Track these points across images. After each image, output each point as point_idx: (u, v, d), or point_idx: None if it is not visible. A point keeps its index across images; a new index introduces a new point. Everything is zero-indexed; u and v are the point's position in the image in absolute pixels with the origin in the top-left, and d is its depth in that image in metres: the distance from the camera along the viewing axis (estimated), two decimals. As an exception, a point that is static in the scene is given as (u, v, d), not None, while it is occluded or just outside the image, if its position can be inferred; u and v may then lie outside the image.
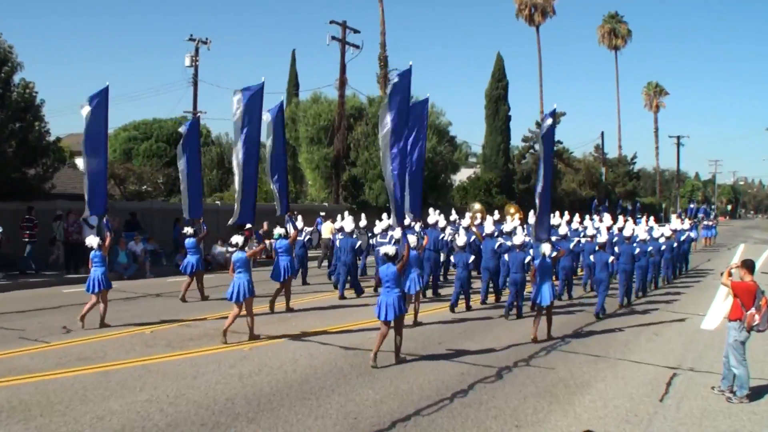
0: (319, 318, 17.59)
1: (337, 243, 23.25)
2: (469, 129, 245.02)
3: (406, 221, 16.76)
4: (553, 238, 20.74)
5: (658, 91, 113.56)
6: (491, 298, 21.05)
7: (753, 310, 10.92)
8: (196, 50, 48.35)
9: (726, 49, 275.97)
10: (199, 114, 46.82)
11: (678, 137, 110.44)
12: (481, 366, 12.80)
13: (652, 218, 35.13)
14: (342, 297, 21.19)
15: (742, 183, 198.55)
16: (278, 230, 19.02)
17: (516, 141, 76.97)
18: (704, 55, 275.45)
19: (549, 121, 17.57)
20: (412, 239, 14.74)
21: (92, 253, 16.40)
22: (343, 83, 45.40)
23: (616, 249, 21.80)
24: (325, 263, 29.14)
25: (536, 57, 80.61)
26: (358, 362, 12.83)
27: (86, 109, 16.27)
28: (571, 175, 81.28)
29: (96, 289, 16.04)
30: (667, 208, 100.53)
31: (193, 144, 20.94)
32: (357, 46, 45.56)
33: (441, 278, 23.85)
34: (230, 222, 17.59)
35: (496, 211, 31.07)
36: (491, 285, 20.95)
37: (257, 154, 17.81)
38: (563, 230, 23.47)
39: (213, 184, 56.03)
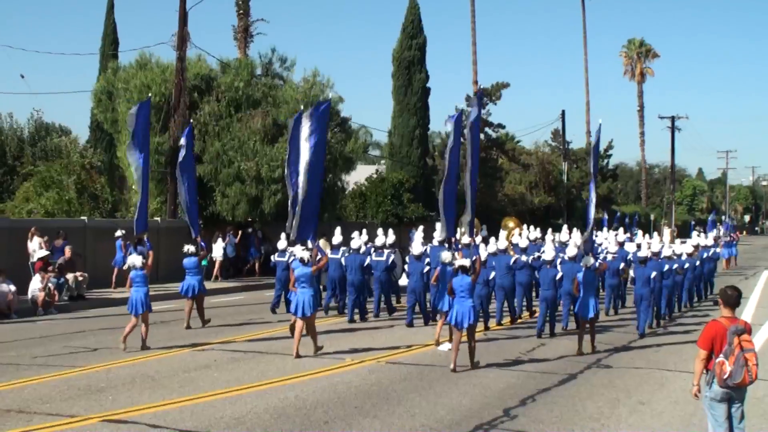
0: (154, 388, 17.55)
1: (343, 261, 29.50)
2: (370, 107, 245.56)
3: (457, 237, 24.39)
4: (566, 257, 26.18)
5: (643, 53, 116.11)
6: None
7: (721, 357, 11.39)
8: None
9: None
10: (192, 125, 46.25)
11: (672, 118, 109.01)
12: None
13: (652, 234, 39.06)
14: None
15: (764, 183, 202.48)
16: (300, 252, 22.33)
17: (437, 125, 77.32)
18: (710, 4, 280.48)
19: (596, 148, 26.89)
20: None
21: (133, 272, 22.23)
22: (183, 40, 44.93)
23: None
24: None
25: (467, 1, 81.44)
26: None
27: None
28: (518, 173, 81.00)
29: (139, 311, 21.75)
30: (657, 221, 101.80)
31: (189, 159, 28.18)
32: (205, -14, 45.52)
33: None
34: (291, 238, 23.33)
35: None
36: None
37: (320, 170, 23.44)
38: (573, 250, 25.73)
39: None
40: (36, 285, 29.47)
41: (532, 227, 38.24)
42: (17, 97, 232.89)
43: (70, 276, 32.02)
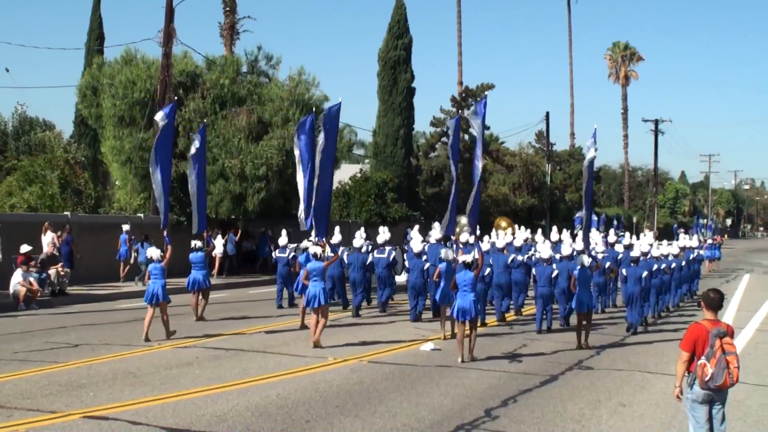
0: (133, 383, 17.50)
1: (345, 259, 31.00)
2: (355, 107, 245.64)
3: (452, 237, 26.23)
4: (557, 256, 27.84)
5: (628, 56, 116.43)
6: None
7: (703, 359, 11.46)
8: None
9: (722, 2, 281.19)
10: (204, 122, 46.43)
11: (656, 121, 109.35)
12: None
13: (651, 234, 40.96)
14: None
15: (746, 187, 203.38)
16: (312, 247, 24.13)
17: (422, 125, 77.45)
18: (694, 8, 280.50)
19: (592, 153, 27.16)
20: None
21: (152, 265, 23.52)
22: (169, 36, 44.73)
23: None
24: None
25: (453, 2, 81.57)
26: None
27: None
28: (502, 174, 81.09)
29: (160, 299, 22.95)
30: (639, 223, 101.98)
31: (201, 154, 29.53)
32: (191, -18, 45.30)
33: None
34: (308, 231, 25.24)
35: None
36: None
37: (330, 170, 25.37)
38: (567, 249, 27.74)
39: None
40: (17, 279, 29.35)
41: (523, 227, 39.94)
42: (1, 91, 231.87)
43: (51, 271, 31.92)
